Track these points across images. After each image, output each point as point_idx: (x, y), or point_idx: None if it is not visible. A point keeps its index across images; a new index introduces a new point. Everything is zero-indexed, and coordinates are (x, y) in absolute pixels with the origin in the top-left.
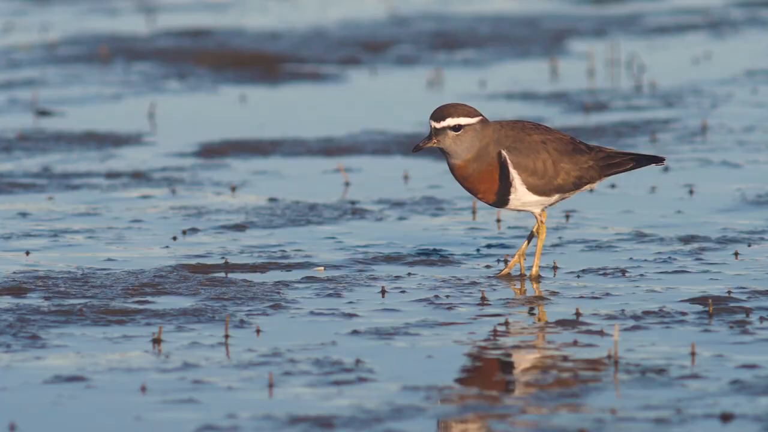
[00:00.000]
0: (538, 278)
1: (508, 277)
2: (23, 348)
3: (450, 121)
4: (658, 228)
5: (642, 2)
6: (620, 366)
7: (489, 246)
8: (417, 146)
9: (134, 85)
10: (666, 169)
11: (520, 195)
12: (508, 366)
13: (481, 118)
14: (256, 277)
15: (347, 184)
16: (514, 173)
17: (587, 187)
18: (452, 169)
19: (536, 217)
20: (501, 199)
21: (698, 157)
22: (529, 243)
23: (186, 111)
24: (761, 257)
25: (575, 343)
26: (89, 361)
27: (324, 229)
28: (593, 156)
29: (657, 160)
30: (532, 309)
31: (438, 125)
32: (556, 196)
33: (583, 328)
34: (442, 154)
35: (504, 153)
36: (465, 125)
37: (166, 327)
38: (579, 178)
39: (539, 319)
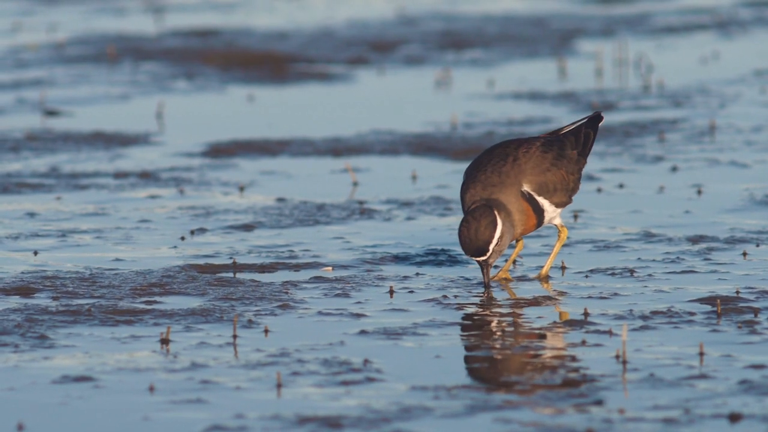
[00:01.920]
0: (547, 278)
1: (515, 278)
2: (31, 348)
3: (492, 246)
4: (666, 228)
5: (650, 2)
6: (628, 366)
7: None
8: (487, 286)
9: (142, 85)
10: (674, 169)
11: (550, 213)
12: (516, 366)
13: (496, 211)
14: (264, 277)
15: (355, 184)
16: (541, 200)
17: None
18: None
19: (557, 226)
20: (539, 224)
21: (706, 157)
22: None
23: (194, 111)
24: None
25: (583, 343)
26: (97, 361)
27: (332, 229)
28: (571, 144)
29: (599, 119)
30: (540, 309)
31: (485, 257)
32: (572, 200)
33: (592, 328)
34: None
35: (525, 189)
36: (500, 233)
37: (174, 327)
38: (579, 171)
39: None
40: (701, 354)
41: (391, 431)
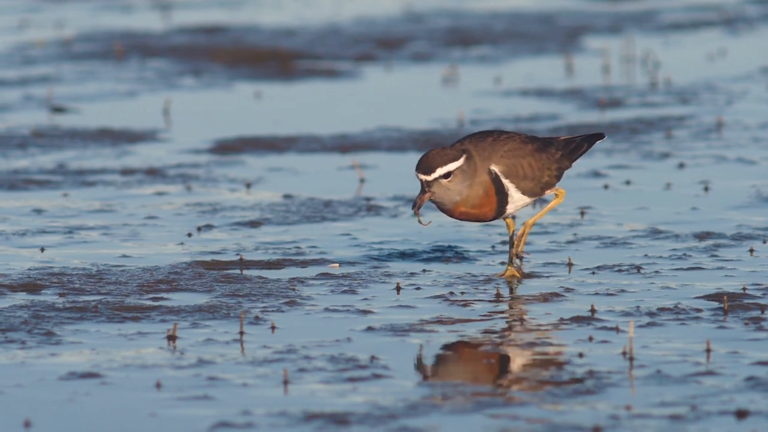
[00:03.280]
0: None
1: (520, 275)
2: (38, 345)
3: (440, 171)
4: (674, 225)
5: None
6: (635, 362)
7: (504, 242)
8: (416, 205)
9: (149, 82)
10: (681, 165)
11: (516, 201)
12: (522, 362)
13: (465, 155)
14: (271, 274)
15: (362, 180)
16: (507, 183)
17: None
18: (449, 212)
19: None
20: (499, 212)
21: (713, 153)
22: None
23: (201, 107)
24: None
25: (590, 340)
26: (104, 358)
27: (339, 225)
28: (557, 146)
29: (599, 136)
30: (546, 306)
31: (429, 177)
32: (544, 193)
33: (599, 324)
34: (434, 204)
35: (493, 168)
36: (454, 169)
37: (180, 324)
38: (558, 170)
39: (553, 316)
40: (708, 351)
41: (398, 428)
